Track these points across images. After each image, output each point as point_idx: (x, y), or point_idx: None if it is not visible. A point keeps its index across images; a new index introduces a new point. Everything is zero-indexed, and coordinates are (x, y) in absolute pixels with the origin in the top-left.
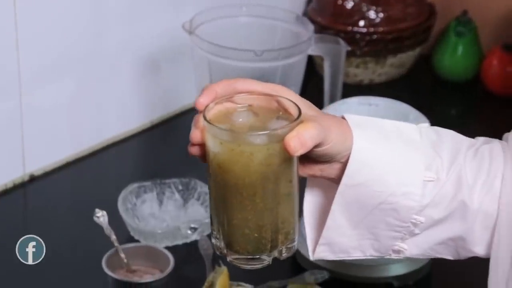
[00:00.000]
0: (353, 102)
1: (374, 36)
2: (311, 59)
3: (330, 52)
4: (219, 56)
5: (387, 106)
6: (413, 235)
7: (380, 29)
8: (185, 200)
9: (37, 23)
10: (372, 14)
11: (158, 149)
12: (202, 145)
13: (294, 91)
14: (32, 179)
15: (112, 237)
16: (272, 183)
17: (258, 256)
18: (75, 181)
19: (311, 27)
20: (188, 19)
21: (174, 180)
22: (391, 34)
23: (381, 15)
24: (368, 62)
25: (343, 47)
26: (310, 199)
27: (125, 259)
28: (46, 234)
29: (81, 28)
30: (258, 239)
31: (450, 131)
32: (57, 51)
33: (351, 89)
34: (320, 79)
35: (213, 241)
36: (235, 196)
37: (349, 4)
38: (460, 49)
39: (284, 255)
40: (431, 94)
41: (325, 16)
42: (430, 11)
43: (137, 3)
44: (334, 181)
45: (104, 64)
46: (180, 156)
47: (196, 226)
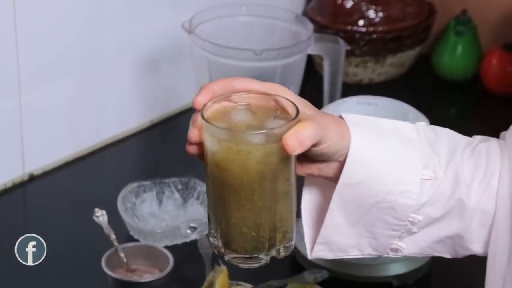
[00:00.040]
0: (353, 102)
1: (374, 36)
2: (311, 59)
3: (330, 52)
4: (219, 56)
5: (387, 106)
6: (411, 234)
7: (380, 29)
8: (185, 200)
9: (37, 23)
10: (372, 14)
11: (158, 149)
12: (200, 144)
13: (294, 91)
14: (32, 179)
15: (112, 237)
16: (270, 182)
17: (256, 255)
18: (75, 181)
19: (311, 27)
20: (188, 19)
21: (174, 180)
22: (391, 34)
23: (381, 15)
24: (368, 62)
25: (343, 47)
26: (308, 198)
27: (125, 259)
28: (46, 234)
29: (81, 28)
30: (256, 238)
31: (447, 130)
32: (57, 51)
33: (351, 89)
34: (320, 79)
35: (211, 240)
36: (233, 195)
37: (349, 4)
38: (460, 49)
39: (282, 254)
40: (431, 94)
41: (325, 16)
42: (430, 11)
43: (137, 3)
44: (332, 180)
45: (104, 64)
46: (180, 156)
47: (196, 226)
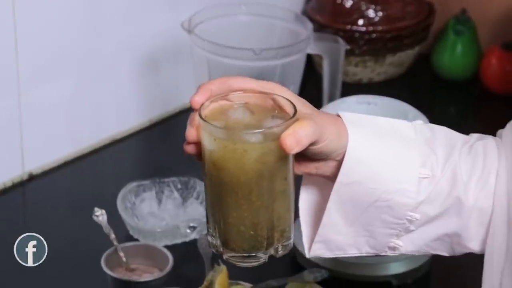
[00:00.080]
0: (352, 101)
1: (373, 35)
2: (310, 58)
3: (329, 51)
4: (218, 55)
5: (386, 105)
6: (409, 232)
7: (379, 28)
8: (184, 199)
9: (36, 23)
10: (371, 13)
11: (157, 148)
12: (198, 143)
13: (293, 90)
14: (31, 178)
15: (111, 236)
16: (267, 181)
17: (254, 254)
18: (74, 180)
19: (310, 26)
20: (187, 18)
21: (173, 179)
22: (390, 33)
23: (380, 14)
24: (367, 61)
25: (342, 46)
26: (306, 197)
27: (124, 258)
28: (45, 233)
29: (80, 27)
30: (254, 237)
31: (445, 128)
32: (56, 50)
33: (350, 88)
34: (319, 78)
35: (209, 239)
36: (231, 194)
37: (348, 3)
38: (459, 48)
39: (280, 253)
40: (430, 93)
41: (324, 15)
42: (429, 10)
43: (136, 2)
44: (330, 179)
45: (103, 63)
46: (179, 155)
47: (195, 225)
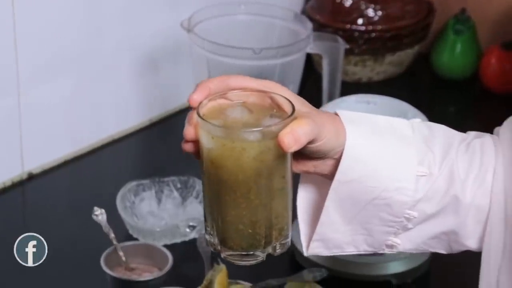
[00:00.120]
0: (352, 100)
1: (373, 34)
2: (310, 57)
3: (329, 50)
4: (218, 54)
5: (386, 104)
6: (406, 230)
7: (379, 27)
8: (184, 198)
9: (35, 23)
10: (371, 12)
11: (157, 147)
12: (196, 142)
13: (293, 89)
14: (31, 177)
15: (111, 235)
16: (266, 179)
17: (252, 252)
18: (74, 179)
19: (310, 25)
20: (187, 17)
21: (173, 178)
22: (390, 32)
23: (380, 13)
24: (367, 60)
25: (342, 45)
26: (304, 195)
27: (124, 257)
28: (45, 233)
29: (79, 27)
30: (252, 235)
31: (442, 126)
32: (56, 50)
33: (350, 87)
34: (319, 77)
35: (207, 238)
36: (229, 193)
37: (348, 2)
38: (459, 47)
39: (278, 251)
40: (430, 92)
41: (324, 14)
42: (429, 9)
43: (135, 1)
44: (328, 177)
45: (103, 63)
46: (179, 154)
47: (195, 224)
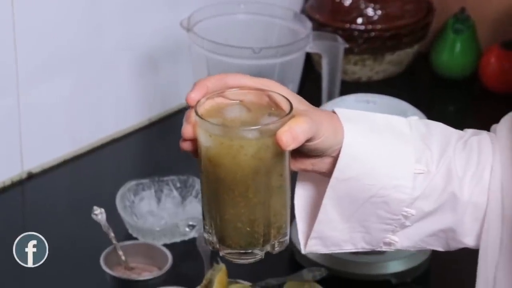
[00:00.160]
0: (351, 100)
1: (372, 34)
2: (309, 57)
3: (328, 50)
4: (217, 54)
5: (385, 104)
6: (404, 228)
7: (378, 27)
8: (183, 198)
9: (35, 22)
10: (370, 12)
11: (156, 147)
12: (194, 140)
13: (292, 89)
14: (30, 177)
15: (110, 235)
16: (264, 178)
17: (251, 251)
18: (73, 179)
19: (309, 25)
20: (186, 17)
21: (172, 178)
22: (389, 32)
23: (379, 13)
24: (366, 60)
25: (341, 45)
26: (302, 193)
27: (123, 257)
28: (44, 232)
29: (79, 27)
30: (251, 234)
31: (439, 124)
32: (55, 50)
33: (349, 87)
34: (318, 77)
35: (206, 236)
36: (227, 191)
37: (347, 2)
38: (458, 46)
39: (277, 249)
40: (429, 92)
41: (323, 13)
42: (428, 8)
43: (135, 1)
44: (325, 175)
45: (102, 62)
46: (178, 154)
47: (194, 224)
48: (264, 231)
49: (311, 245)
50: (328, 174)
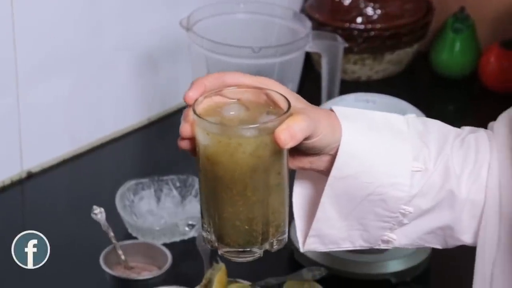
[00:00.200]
0: (351, 99)
1: (372, 33)
2: (309, 56)
3: (328, 49)
4: (217, 53)
5: (385, 103)
6: (402, 225)
7: (378, 26)
8: (183, 197)
9: (34, 21)
10: (370, 11)
11: (156, 146)
12: (192, 139)
13: (292, 88)
14: (30, 176)
15: (110, 234)
16: (262, 175)
17: (249, 249)
18: (73, 178)
19: (309, 24)
20: (186, 16)
21: (172, 177)
22: (389, 31)
23: (379, 12)
24: (366, 59)
25: (341, 44)
26: (300, 191)
27: (123, 256)
28: (44, 231)
29: (78, 26)
30: (249, 232)
31: (437, 121)
32: (55, 49)
33: (349, 86)
34: (318, 76)
35: (204, 235)
36: (225, 190)
37: (347, 1)
38: (458, 46)
39: (275, 248)
40: (429, 91)
41: (323, 13)
42: (428, 8)
43: (134, 0)
44: (323, 173)
45: (101, 61)
46: (178, 153)
47: (194, 223)
48: (263, 229)
49: (310, 243)
50: (326, 172)
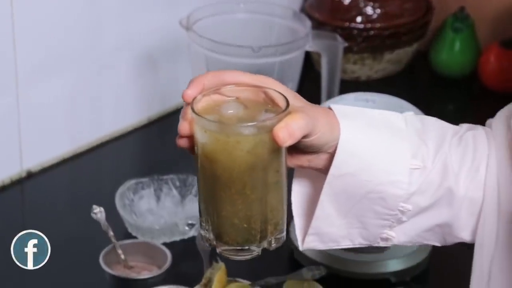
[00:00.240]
0: (351, 98)
1: (371, 32)
2: (309, 56)
3: (328, 49)
4: (216, 52)
5: (384, 102)
6: (401, 223)
7: (377, 25)
8: (183, 196)
9: (34, 21)
10: (369, 10)
11: (156, 146)
12: (191, 137)
13: (291, 88)
14: (30, 176)
15: (110, 233)
16: (260, 174)
17: (248, 247)
18: (73, 177)
19: (309, 23)
20: (185, 15)
21: (172, 176)
22: (388, 30)
23: (378, 11)
24: (365, 58)
25: (340, 44)
26: (298, 190)
27: (123, 255)
28: (44, 231)
29: (78, 25)
30: (248, 230)
31: (434, 119)
32: (54, 48)
33: (349, 85)
34: (318, 76)
35: (203, 233)
36: (223, 188)
37: (347, 0)
38: (457, 45)
39: (274, 246)
40: (428, 90)
41: (323, 12)
42: (427, 7)
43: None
44: (322, 172)
45: (101, 61)
46: (178, 153)
47: (194, 222)
48: (261, 228)
49: (309, 242)
50: (325, 171)
